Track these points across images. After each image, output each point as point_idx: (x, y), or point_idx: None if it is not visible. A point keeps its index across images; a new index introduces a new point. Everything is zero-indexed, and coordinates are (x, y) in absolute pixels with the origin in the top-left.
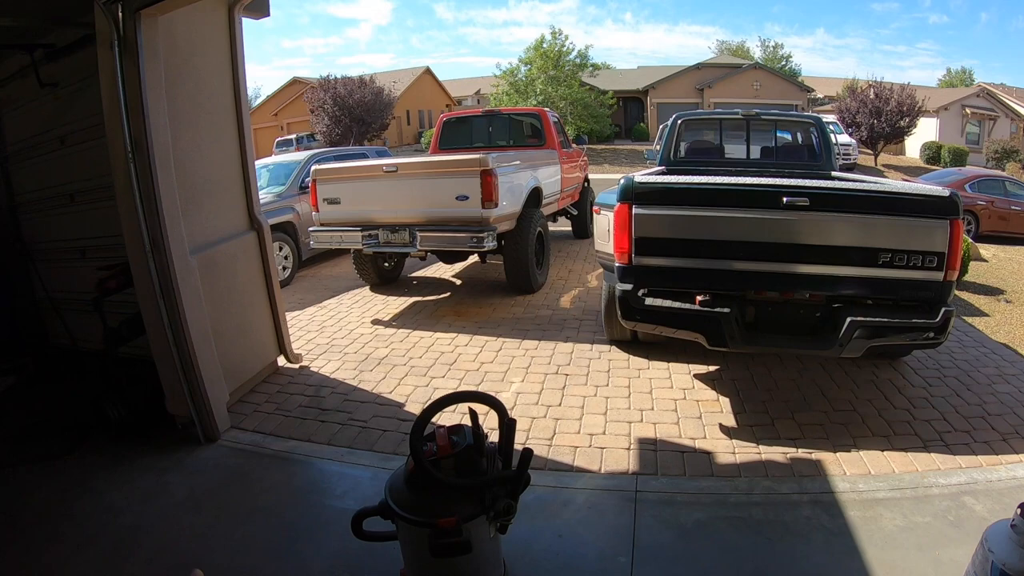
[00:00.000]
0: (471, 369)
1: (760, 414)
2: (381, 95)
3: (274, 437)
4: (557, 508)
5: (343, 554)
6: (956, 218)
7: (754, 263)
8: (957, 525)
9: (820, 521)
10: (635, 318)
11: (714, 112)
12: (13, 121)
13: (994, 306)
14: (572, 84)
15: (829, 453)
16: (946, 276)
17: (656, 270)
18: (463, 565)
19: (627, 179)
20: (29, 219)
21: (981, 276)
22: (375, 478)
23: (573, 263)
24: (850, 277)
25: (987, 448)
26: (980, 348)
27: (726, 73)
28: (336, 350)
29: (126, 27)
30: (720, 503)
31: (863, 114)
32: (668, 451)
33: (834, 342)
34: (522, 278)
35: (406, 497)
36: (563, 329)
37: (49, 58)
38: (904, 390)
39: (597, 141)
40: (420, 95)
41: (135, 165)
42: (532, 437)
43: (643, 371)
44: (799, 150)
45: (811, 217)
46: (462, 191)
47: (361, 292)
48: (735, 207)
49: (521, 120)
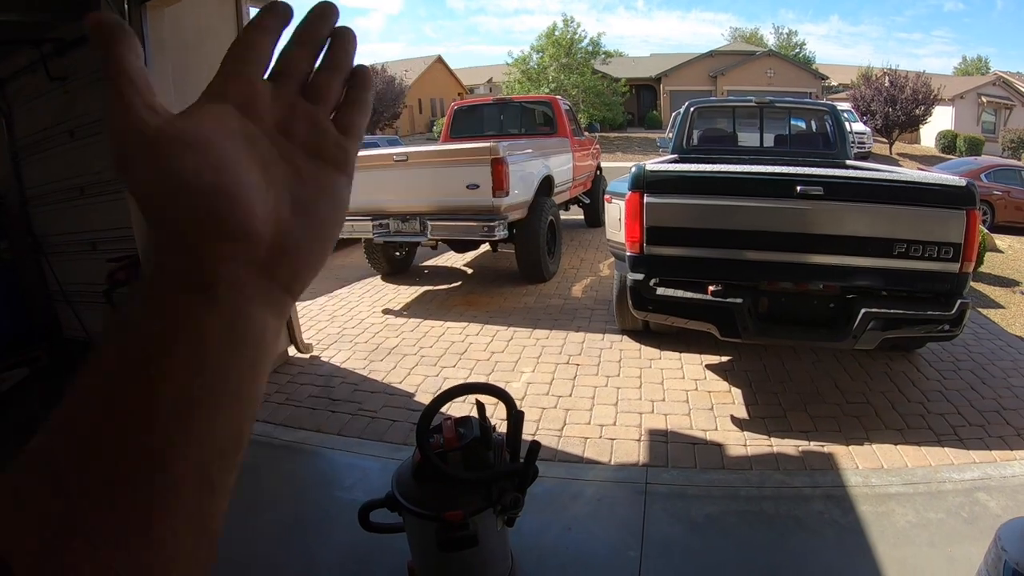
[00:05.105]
0: (482, 359)
1: (772, 406)
2: (392, 84)
3: (284, 427)
4: (567, 501)
5: (352, 545)
6: (972, 208)
7: (767, 253)
8: (970, 522)
9: (832, 516)
10: (647, 308)
11: (727, 100)
12: (23, 116)
13: (1010, 298)
14: (584, 72)
15: (842, 446)
16: (962, 267)
17: (668, 259)
18: (470, 558)
19: (638, 167)
20: (40, 213)
21: (997, 267)
22: (384, 469)
23: (585, 252)
24: (864, 268)
25: (1001, 443)
26: (996, 341)
27: (739, 61)
28: (347, 340)
29: (132, 19)
30: (731, 497)
31: (878, 102)
32: (679, 443)
33: (848, 334)
34: (534, 267)
35: (413, 489)
36: (574, 318)
37: (58, 52)
38: (918, 383)
39: (610, 129)
40: (432, 84)
41: None
42: (542, 428)
43: (655, 361)
44: (813, 138)
45: (825, 207)
46: (473, 180)
47: (372, 281)
48: (748, 196)
49: (533, 108)
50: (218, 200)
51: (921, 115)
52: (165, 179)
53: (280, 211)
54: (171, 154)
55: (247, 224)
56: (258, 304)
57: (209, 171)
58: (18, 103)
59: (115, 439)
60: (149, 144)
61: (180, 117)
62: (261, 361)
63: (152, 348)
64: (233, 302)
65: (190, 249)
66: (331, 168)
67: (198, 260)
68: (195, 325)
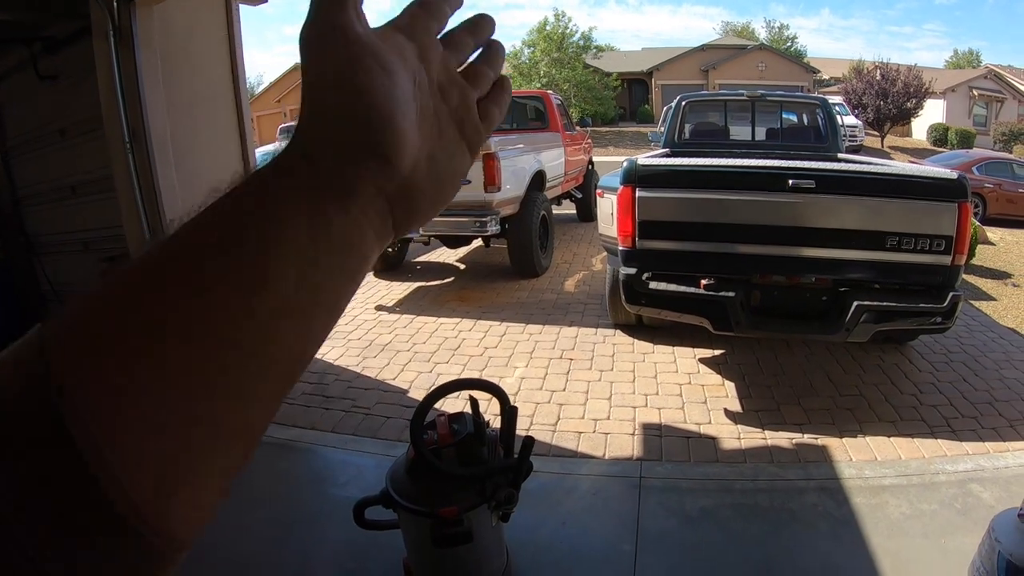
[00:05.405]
0: (475, 354)
1: (766, 399)
2: None
3: (278, 425)
4: (561, 495)
5: (347, 543)
6: (964, 201)
7: (759, 247)
8: (964, 513)
9: (826, 508)
10: (639, 302)
11: (719, 93)
12: (14, 115)
13: (1002, 290)
14: (576, 66)
15: (835, 439)
16: (954, 260)
17: (660, 254)
18: (465, 554)
19: (630, 162)
20: (32, 212)
21: (989, 260)
22: (379, 466)
23: (578, 246)
24: (857, 261)
25: (994, 435)
26: (988, 333)
27: (731, 54)
28: (340, 337)
29: (121, 17)
30: (725, 489)
31: (869, 95)
32: (673, 437)
33: (840, 327)
34: (526, 262)
35: (407, 486)
36: (567, 313)
37: (48, 51)
38: (911, 375)
39: (602, 123)
40: None
41: (133, 155)
42: (536, 423)
43: (648, 355)
44: (805, 132)
45: (817, 200)
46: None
47: (365, 278)
48: (740, 189)
49: (524, 103)
50: (383, 122)
51: (912, 108)
52: (349, 80)
53: (419, 157)
54: (363, 64)
55: (397, 153)
56: (377, 227)
57: (385, 95)
58: (9, 103)
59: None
60: (348, 43)
61: (377, 35)
62: (357, 277)
63: (274, 231)
64: (359, 216)
65: (342, 153)
66: (465, 143)
67: (345, 167)
68: (324, 223)
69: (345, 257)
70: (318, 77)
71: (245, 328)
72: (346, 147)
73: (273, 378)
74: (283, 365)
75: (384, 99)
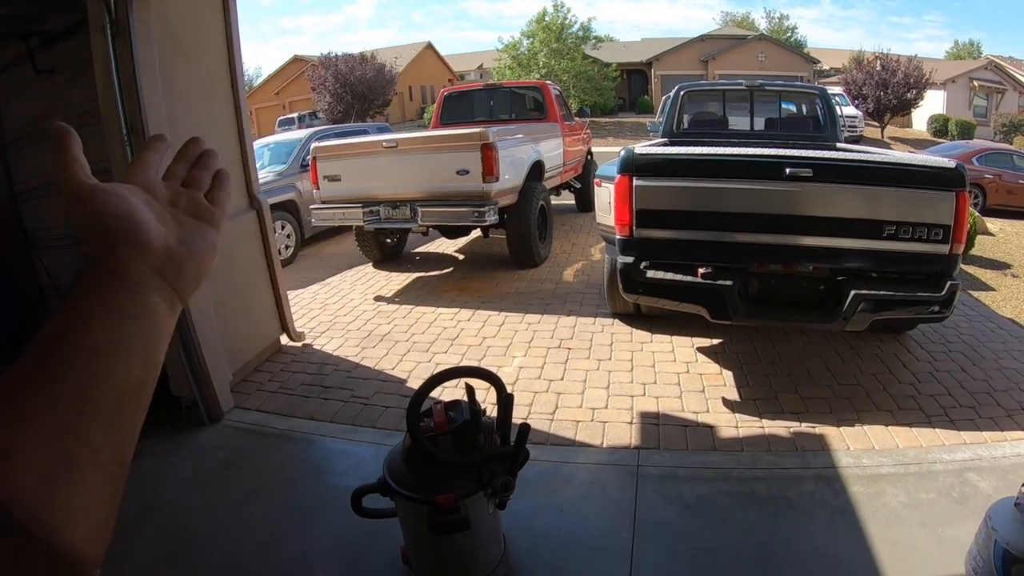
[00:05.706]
0: (473, 344)
1: (764, 388)
2: (383, 71)
3: (277, 416)
4: (559, 483)
5: (346, 532)
6: (962, 190)
7: (757, 235)
8: (961, 502)
9: (823, 496)
10: (637, 291)
11: (717, 84)
12: (11, 109)
13: (1001, 280)
14: (575, 57)
15: (833, 427)
16: (952, 249)
17: (658, 242)
18: (462, 542)
19: (627, 151)
20: (30, 208)
21: (988, 250)
22: (377, 455)
23: (576, 236)
24: (854, 250)
25: (992, 424)
26: (986, 323)
27: (731, 45)
28: (339, 328)
29: (118, 10)
30: (723, 478)
31: (869, 86)
32: (670, 425)
33: (838, 315)
34: (525, 252)
35: (404, 474)
36: (566, 303)
37: (45, 45)
38: (909, 364)
39: (601, 114)
40: (422, 71)
41: (131, 148)
42: (534, 412)
43: (646, 344)
44: (804, 121)
45: (815, 188)
46: (463, 165)
47: (364, 269)
48: (737, 178)
49: (523, 93)
50: (128, 223)
51: (913, 99)
52: (98, 211)
53: (169, 240)
54: (101, 198)
55: (147, 240)
56: (154, 291)
57: (124, 209)
58: (6, 97)
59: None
60: (88, 193)
61: (106, 183)
62: (155, 332)
63: (85, 306)
64: (135, 284)
65: (110, 248)
66: (204, 223)
67: (115, 256)
68: (111, 295)
69: (136, 314)
70: (81, 218)
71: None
72: (109, 242)
73: (103, 400)
74: (112, 391)
75: (124, 213)
